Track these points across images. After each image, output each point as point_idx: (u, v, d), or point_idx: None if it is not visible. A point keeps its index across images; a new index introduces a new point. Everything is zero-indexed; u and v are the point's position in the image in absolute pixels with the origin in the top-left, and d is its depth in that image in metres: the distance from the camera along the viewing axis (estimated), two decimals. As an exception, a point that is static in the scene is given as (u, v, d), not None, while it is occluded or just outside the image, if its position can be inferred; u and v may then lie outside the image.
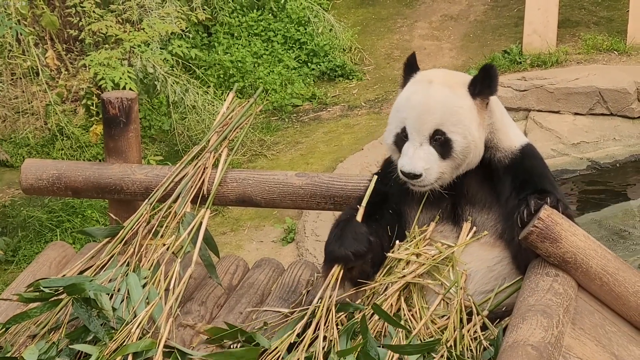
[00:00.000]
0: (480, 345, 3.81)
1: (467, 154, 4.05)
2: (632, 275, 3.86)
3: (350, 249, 4.02)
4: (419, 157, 4.03)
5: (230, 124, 4.99)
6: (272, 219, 8.94)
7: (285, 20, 11.90)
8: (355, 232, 4.05)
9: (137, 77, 9.35)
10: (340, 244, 4.03)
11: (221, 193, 4.91)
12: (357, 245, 4.02)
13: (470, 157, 4.07)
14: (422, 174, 4.02)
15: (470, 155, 4.06)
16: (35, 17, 10.05)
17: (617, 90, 10.23)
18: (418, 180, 4.04)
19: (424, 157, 4.03)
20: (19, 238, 8.40)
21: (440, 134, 4.03)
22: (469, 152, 4.05)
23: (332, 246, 4.07)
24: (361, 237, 4.04)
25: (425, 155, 4.03)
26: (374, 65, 11.99)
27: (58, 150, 9.67)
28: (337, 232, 4.09)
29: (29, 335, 4.26)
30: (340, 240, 4.04)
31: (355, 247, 4.02)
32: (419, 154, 4.03)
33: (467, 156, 4.05)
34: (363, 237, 4.04)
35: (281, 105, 11.14)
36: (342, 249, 4.02)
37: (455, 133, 4.03)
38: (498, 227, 4.06)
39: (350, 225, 4.08)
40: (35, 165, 5.12)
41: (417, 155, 4.03)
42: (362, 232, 4.05)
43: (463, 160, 4.06)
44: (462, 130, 4.03)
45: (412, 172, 4.02)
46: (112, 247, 4.67)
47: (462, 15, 12.70)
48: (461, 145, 4.03)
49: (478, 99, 4.09)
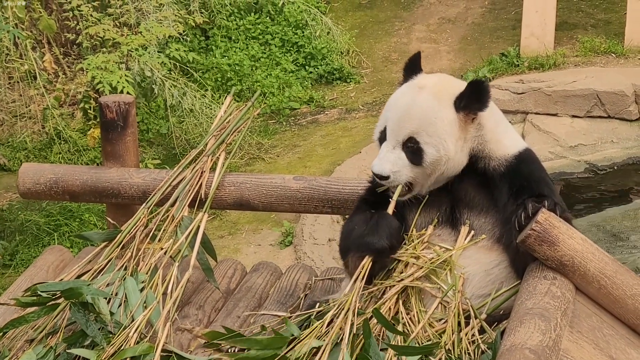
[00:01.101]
0: (478, 349, 3.81)
1: (437, 166, 4.05)
2: (630, 278, 3.85)
3: (388, 241, 4.01)
4: (388, 159, 4.06)
5: (228, 128, 4.99)
6: (270, 222, 8.94)
7: (282, 23, 11.90)
8: (392, 225, 4.04)
9: (134, 81, 9.36)
10: (379, 236, 4.01)
11: (219, 197, 4.91)
12: (393, 238, 4.02)
13: (442, 169, 4.07)
14: (390, 177, 4.05)
15: (442, 167, 4.07)
16: (32, 21, 10.06)
17: (615, 92, 10.24)
18: (387, 181, 4.07)
19: (393, 160, 4.05)
20: (17, 242, 8.40)
21: (414, 142, 4.05)
22: (440, 164, 4.05)
23: (370, 237, 4.02)
24: (396, 232, 4.05)
25: (394, 159, 4.05)
26: (371, 68, 11.99)
27: (56, 154, 9.66)
28: (373, 224, 4.06)
29: (27, 339, 4.25)
30: (377, 232, 4.02)
31: (392, 240, 4.02)
32: (388, 156, 4.06)
33: (437, 168, 4.06)
34: (398, 232, 4.06)
35: (279, 109, 11.14)
36: (381, 241, 4.00)
37: (429, 144, 4.03)
38: (496, 231, 4.06)
39: (385, 218, 4.07)
40: (32, 169, 5.12)
41: (387, 157, 4.06)
42: (397, 227, 4.06)
43: (433, 170, 4.07)
44: (435, 142, 4.03)
45: (379, 173, 4.05)
46: (110, 251, 4.66)
47: (460, 18, 12.71)
48: (432, 156, 4.04)
49: (462, 113, 4.08)
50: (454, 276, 3.98)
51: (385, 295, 4.02)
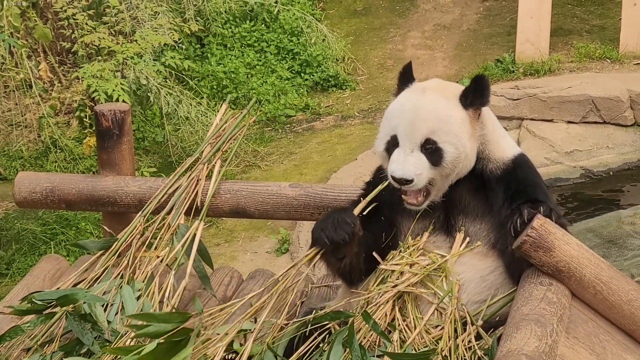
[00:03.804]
0: (475, 355, 3.81)
1: (456, 165, 4.04)
2: (626, 283, 3.86)
3: (328, 233, 4.00)
4: (410, 162, 4.01)
5: (224, 135, 4.99)
6: (266, 229, 8.94)
7: (278, 30, 11.91)
8: (340, 219, 4.01)
9: (130, 89, 9.36)
10: (324, 229, 4.02)
11: (215, 204, 4.91)
12: (336, 233, 3.99)
13: (460, 167, 4.06)
14: (414, 179, 4.00)
15: (460, 165, 4.05)
16: (27, 30, 10.06)
17: (610, 98, 10.25)
18: (410, 185, 4.02)
19: (414, 163, 4.01)
20: (13, 251, 8.39)
21: (432, 143, 4.02)
22: (459, 162, 4.04)
23: (314, 228, 4.07)
24: (344, 226, 4.00)
25: (415, 161, 4.01)
26: (367, 75, 12.01)
27: (51, 162, 9.66)
28: (323, 216, 4.11)
29: (23, 348, 4.26)
30: (323, 224, 4.04)
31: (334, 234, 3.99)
32: (409, 159, 4.01)
33: (456, 166, 4.05)
34: (347, 227, 4.00)
35: (274, 116, 11.15)
36: (321, 233, 4.02)
37: (447, 143, 4.02)
38: (491, 237, 4.06)
39: (339, 213, 4.06)
40: (28, 178, 5.12)
41: (408, 161, 4.01)
42: (347, 222, 4.01)
43: (452, 170, 4.05)
44: (454, 140, 4.02)
45: (403, 177, 3.99)
46: (106, 260, 4.67)
47: (455, 25, 12.73)
48: (452, 155, 4.02)
49: (470, 110, 4.08)
50: (450, 282, 3.98)
51: (380, 299, 4.02)
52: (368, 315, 3.91)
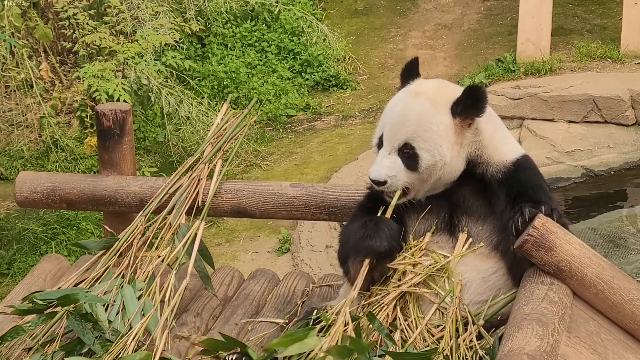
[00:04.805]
0: (476, 355, 3.81)
1: (433, 171, 4.05)
2: (627, 283, 3.86)
3: (388, 243, 4.00)
4: (384, 165, 4.06)
5: (225, 135, 4.99)
6: (267, 229, 8.94)
7: (279, 30, 11.91)
8: (391, 227, 4.03)
9: (131, 89, 9.36)
10: (380, 238, 3.99)
11: (216, 204, 4.91)
12: (393, 240, 4.01)
13: (439, 174, 4.07)
14: (387, 181, 4.05)
15: (438, 172, 4.06)
16: (28, 30, 10.05)
17: (611, 97, 10.25)
18: (384, 187, 4.06)
19: (388, 165, 4.05)
20: (14, 251, 8.39)
21: (409, 148, 4.05)
22: (436, 169, 4.05)
23: (370, 241, 4.01)
24: (396, 234, 4.04)
25: (389, 164, 4.06)
26: (368, 74, 12.00)
27: (52, 162, 9.66)
28: (372, 227, 4.05)
29: (24, 348, 4.26)
30: (377, 234, 4.01)
31: (392, 242, 4.01)
32: (384, 162, 4.07)
33: (432, 173, 4.06)
34: (398, 234, 4.05)
35: (275, 116, 11.15)
36: (382, 243, 3.99)
37: (424, 150, 4.03)
38: (493, 238, 4.05)
39: (384, 221, 4.06)
40: (29, 178, 5.12)
41: (382, 163, 4.07)
42: (397, 229, 4.05)
43: (429, 176, 4.07)
44: (431, 147, 4.03)
45: (376, 179, 4.06)
46: (107, 260, 4.66)
47: (456, 24, 12.72)
48: (427, 162, 4.04)
49: (458, 119, 4.08)
50: (452, 283, 3.98)
51: (383, 300, 4.02)
52: (373, 316, 3.91)
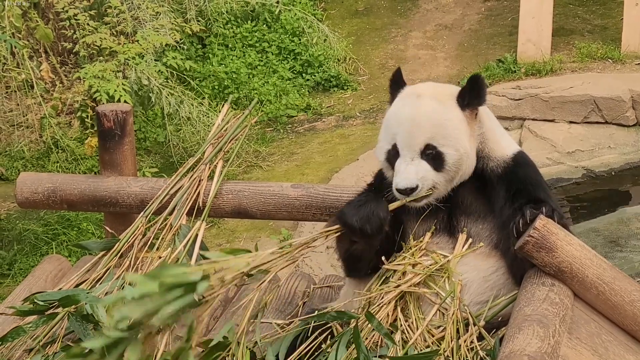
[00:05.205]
0: (477, 356, 3.81)
1: (459, 166, 4.05)
2: (628, 284, 3.86)
3: (359, 224, 3.97)
4: (411, 171, 4.01)
5: (226, 136, 4.99)
6: (268, 230, 8.93)
7: (279, 31, 11.91)
8: (375, 212, 3.99)
9: (131, 90, 9.35)
10: (355, 214, 3.99)
11: (217, 205, 4.91)
12: (368, 224, 3.97)
13: (464, 168, 4.06)
14: (418, 185, 4.01)
15: (463, 166, 4.06)
16: (29, 30, 10.05)
17: (612, 98, 10.24)
18: (415, 192, 4.02)
19: (416, 170, 4.01)
20: (15, 251, 8.39)
21: (432, 148, 4.03)
22: (462, 164, 4.05)
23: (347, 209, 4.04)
24: (376, 220, 3.98)
25: (416, 169, 4.02)
26: (368, 75, 12.00)
27: (53, 163, 9.65)
28: (360, 200, 4.06)
29: (25, 349, 4.26)
30: (358, 211, 4.00)
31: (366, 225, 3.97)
32: (410, 169, 4.02)
33: (460, 168, 4.05)
34: (378, 221, 3.99)
35: (276, 116, 11.14)
36: (353, 219, 3.98)
37: (447, 146, 4.02)
38: (493, 237, 4.06)
39: (375, 205, 4.02)
40: (30, 179, 5.12)
41: (409, 170, 4.02)
42: (381, 217, 3.99)
43: (456, 172, 4.06)
44: (453, 143, 4.03)
45: (408, 187, 3.99)
46: (108, 260, 4.66)
47: (457, 25, 12.72)
48: (453, 157, 4.03)
49: (467, 110, 4.09)
50: (452, 283, 3.98)
51: (382, 299, 4.02)
52: (372, 315, 3.91)
